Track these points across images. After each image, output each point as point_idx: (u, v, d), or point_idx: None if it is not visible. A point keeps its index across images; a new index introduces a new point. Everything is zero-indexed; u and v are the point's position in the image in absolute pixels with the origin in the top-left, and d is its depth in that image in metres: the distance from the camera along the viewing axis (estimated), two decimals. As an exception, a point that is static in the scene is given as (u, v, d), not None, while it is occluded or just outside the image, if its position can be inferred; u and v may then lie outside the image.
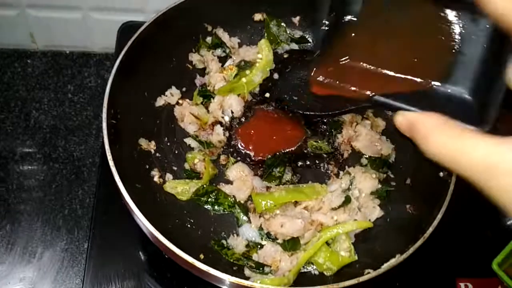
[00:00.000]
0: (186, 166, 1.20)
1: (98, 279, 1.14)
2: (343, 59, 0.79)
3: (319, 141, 1.26)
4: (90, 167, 1.41)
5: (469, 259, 1.27)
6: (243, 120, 1.28)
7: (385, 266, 0.96)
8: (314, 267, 1.09)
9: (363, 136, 1.24)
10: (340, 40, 0.80)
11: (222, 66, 1.33)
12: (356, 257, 1.08)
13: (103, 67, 1.60)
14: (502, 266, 1.21)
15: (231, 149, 1.24)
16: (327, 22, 0.80)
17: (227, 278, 0.91)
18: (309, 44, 1.40)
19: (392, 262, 0.96)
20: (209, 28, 1.35)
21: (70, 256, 1.27)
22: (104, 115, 1.05)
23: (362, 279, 0.93)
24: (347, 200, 1.14)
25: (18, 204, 1.32)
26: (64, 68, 1.59)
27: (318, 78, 0.81)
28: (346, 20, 0.80)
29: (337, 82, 0.80)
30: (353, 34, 0.80)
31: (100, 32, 1.57)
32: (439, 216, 1.00)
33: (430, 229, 0.99)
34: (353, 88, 0.78)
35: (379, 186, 1.19)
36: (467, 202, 1.30)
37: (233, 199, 1.16)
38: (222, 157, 1.22)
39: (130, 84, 1.16)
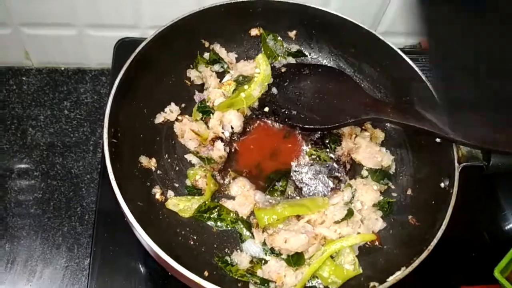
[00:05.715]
0: (188, 182, 1.20)
1: (101, 298, 1.13)
2: None
3: (318, 150, 1.27)
4: (88, 183, 1.40)
5: (471, 267, 1.29)
6: (243, 135, 1.29)
7: (391, 280, 0.96)
8: (319, 281, 1.09)
9: (363, 148, 1.25)
10: None
11: (220, 81, 1.34)
12: (360, 270, 1.08)
13: (99, 83, 1.60)
14: (504, 273, 1.22)
15: (232, 164, 1.24)
16: None
17: (234, 295, 0.91)
18: (306, 57, 1.42)
19: (398, 275, 0.97)
20: (206, 44, 1.36)
21: (71, 274, 1.26)
22: (105, 135, 1.05)
23: (368, 293, 0.93)
24: (350, 213, 1.14)
25: (17, 223, 1.31)
26: (59, 85, 1.58)
27: None
28: None
29: None
30: None
31: (95, 48, 1.56)
32: (443, 227, 1.01)
33: (434, 241, 1.00)
34: None
35: (381, 197, 1.20)
36: (467, 210, 1.32)
37: (236, 214, 1.15)
38: (224, 172, 1.22)
39: (130, 102, 1.16)
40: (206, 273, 1.03)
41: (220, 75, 1.35)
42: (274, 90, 1.32)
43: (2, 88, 1.55)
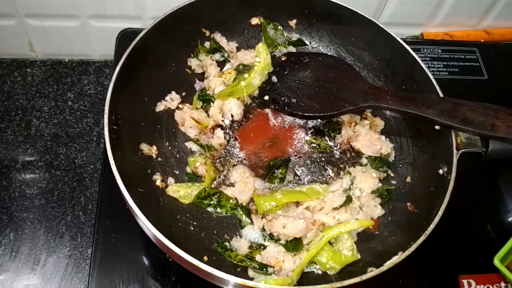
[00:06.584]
0: (188, 169, 1.21)
1: (103, 285, 1.14)
2: None
3: (318, 139, 1.27)
4: (91, 173, 1.41)
5: (471, 255, 1.29)
6: (243, 123, 1.29)
7: (388, 264, 0.96)
8: (317, 266, 1.09)
9: (362, 136, 1.25)
10: None
11: (220, 70, 1.34)
12: (358, 256, 1.08)
13: (103, 74, 1.61)
14: (504, 261, 1.22)
15: (232, 152, 1.25)
16: None
17: (232, 279, 0.91)
18: (306, 46, 1.42)
19: (395, 259, 0.97)
20: (207, 33, 1.36)
21: (74, 262, 1.27)
22: (106, 121, 1.05)
23: (365, 277, 0.93)
24: (348, 200, 1.15)
25: (21, 212, 1.32)
26: (63, 76, 1.60)
27: None
28: None
29: None
30: None
31: (99, 39, 1.58)
32: (440, 213, 1.01)
33: (431, 226, 1.00)
34: None
35: (380, 185, 1.20)
36: (467, 199, 1.32)
37: (235, 201, 1.16)
38: (223, 160, 1.23)
39: (130, 90, 1.17)
40: (205, 258, 1.04)
41: (221, 64, 1.36)
42: (274, 78, 1.32)
43: (7, 80, 1.56)
